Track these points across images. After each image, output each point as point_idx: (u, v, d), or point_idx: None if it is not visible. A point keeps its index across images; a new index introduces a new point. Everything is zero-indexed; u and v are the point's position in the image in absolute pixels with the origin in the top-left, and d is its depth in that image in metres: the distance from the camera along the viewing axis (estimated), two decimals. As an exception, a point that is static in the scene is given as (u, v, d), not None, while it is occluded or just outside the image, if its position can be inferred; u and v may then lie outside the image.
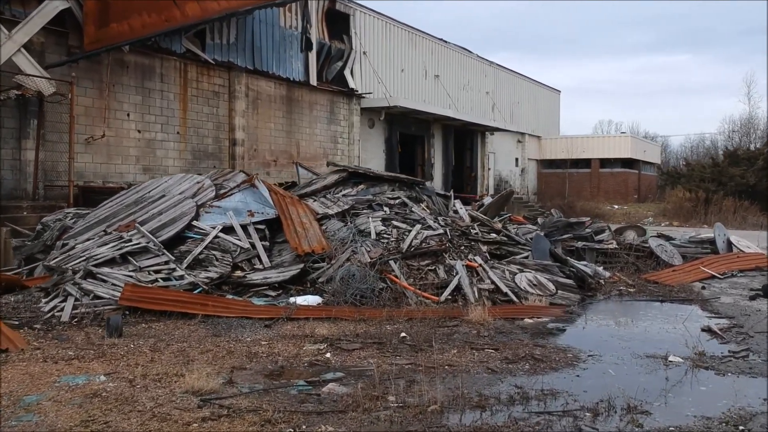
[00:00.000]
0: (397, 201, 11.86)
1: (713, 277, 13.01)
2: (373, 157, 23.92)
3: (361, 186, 12.15)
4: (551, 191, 37.58)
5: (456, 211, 12.28)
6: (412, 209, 11.63)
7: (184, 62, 16.45)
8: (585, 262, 12.83)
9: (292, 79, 19.69)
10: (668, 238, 17.55)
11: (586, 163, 38.50)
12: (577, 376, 6.31)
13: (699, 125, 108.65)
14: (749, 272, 13.88)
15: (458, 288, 9.95)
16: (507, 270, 10.59)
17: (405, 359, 6.76)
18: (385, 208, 11.43)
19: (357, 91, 22.43)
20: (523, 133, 36.58)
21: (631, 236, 19.94)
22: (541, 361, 6.73)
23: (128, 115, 15.18)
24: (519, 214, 31.06)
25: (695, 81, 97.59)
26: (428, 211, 11.95)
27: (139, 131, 15.41)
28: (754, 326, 8.59)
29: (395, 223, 10.94)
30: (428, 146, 26.96)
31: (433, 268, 10.14)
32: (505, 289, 10.06)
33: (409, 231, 10.67)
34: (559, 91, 41.89)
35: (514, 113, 35.42)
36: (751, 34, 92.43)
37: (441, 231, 10.83)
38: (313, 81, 20.44)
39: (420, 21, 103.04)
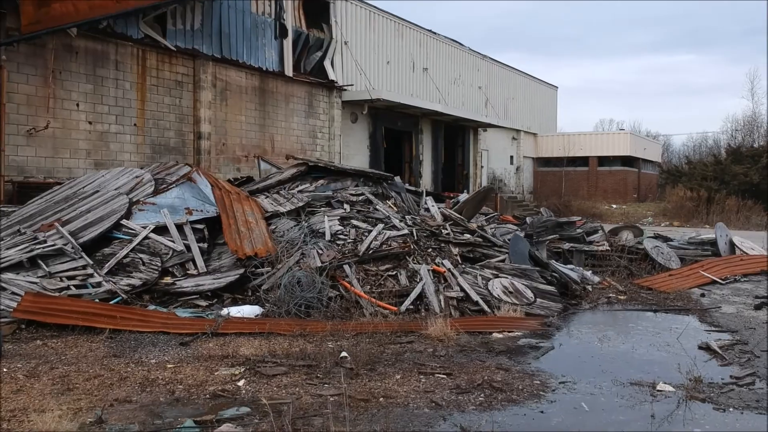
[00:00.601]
0: (360, 198, 10.62)
1: (714, 282, 11.76)
2: (356, 153, 22.68)
3: (321, 181, 10.93)
4: (548, 190, 36.32)
5: (427, 209, 11.05)
6: (377, 207, 10.39)
7: (142, 49, 15.22)
8: (571, 266, 11.60)
9: (265, 69, 18.47)
10: (666, 239, 16.32)
11: (583, 161, 37.23)
12: (541, 412, 5.07)
13: (703, 125, 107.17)
14: (754, 277, 12.63)
15: (422, 296, 8.72)
16: (480, 275, 9.35)
17: (334, 388, 5.52)
18: (346, 206, 10.19)
19: (337, 83, 21.20)
20: (518, 130, 35.32)
21: (626, 237, 18.71)
22: (499, 391, 5.49)
23: (77, 105, 13.96)
24: (513, 213, 29.84)
25: (700, 81, 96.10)
26: (395, 209, 10.71)
27: (90, 123, 14.20)
28: (760, 343, 7.34)
29: (354, 222, 9.71)
30: (416, 142, 25.72)
31: (395, 273, 8.91)
32: (475, 298, 8.83)
33: (370, 231, 9.43)
34: (556, 87, 40.62)
35: (509, 109, 34.16)
36: (756, 34, 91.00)
37: (406, 231, 9.59)
38: (289, 71, 19.21)
39: (421, 20, 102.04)
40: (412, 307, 8.53)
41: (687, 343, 7.32)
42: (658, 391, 5.56)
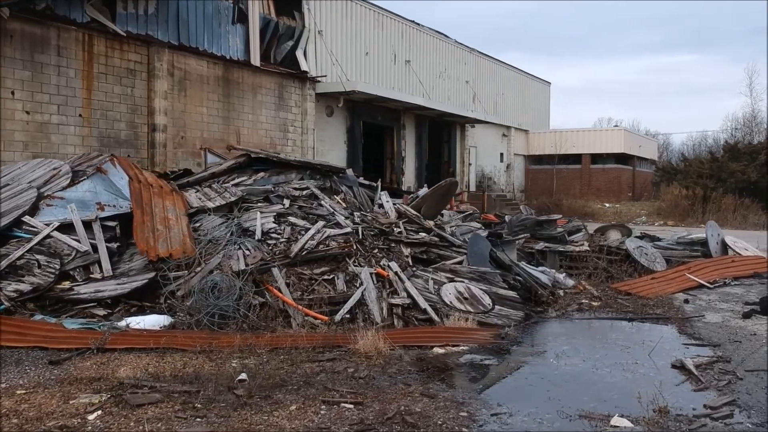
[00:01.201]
0: (305, 192, 9.52)
1: (701, 286, 10.65)
2: (331, 148, 21.58)
3: (262, 174, 9.83)
4: (539, 189, 35.20)
5: (381, 206, 9.94)
6: (321, 203, 9.28)
7: (88, 34, 14.12)
8: (543, 268, 10.50)
9: (229, 57, 17.36)
10: (654, 239, 15.21)
11: (577, 158, 36.10)
12: (455, 459, 3.97)
13: (704, 124, 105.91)
14: (746, 280, 11.52)
15: (362, 303, 7.62)
16: (432, 279, 8.25)
17: (207, 423, 4.43)
18: (286, 201, 9.09)
19: (310, 74, 20.09)
20: (508, 127, 34.20)
21: (614, 236, 17.64)
22: (412, 428, 4.39)
23: (13, 93, 12.86)
24: (499, 212, 28.71)
25: (702, 81, 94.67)
26: (344, 204, 9.60)
27: (27, 112, 13.10)
28: (746, 360, 6.24)
29: (292, 219, 8.60)
30: (398, 138, 24.61)
31: (332, 277, 7.80)
32: (423, 305, 7.73)
33: (308, 230, 8.32)
34: (549, 83, 39.50)
35: (498, 105, 33.05)
36: (758, 34, 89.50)
37: (349, 229, 8.48)
38: (256, 61, 18.11)
39: (423, 19, 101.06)
40: (348, 316, 7.43)
41: (660, 360, 6.22)
42: (612, 427, 4.46)
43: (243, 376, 5.46)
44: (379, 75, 23.69)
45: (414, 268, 8.48)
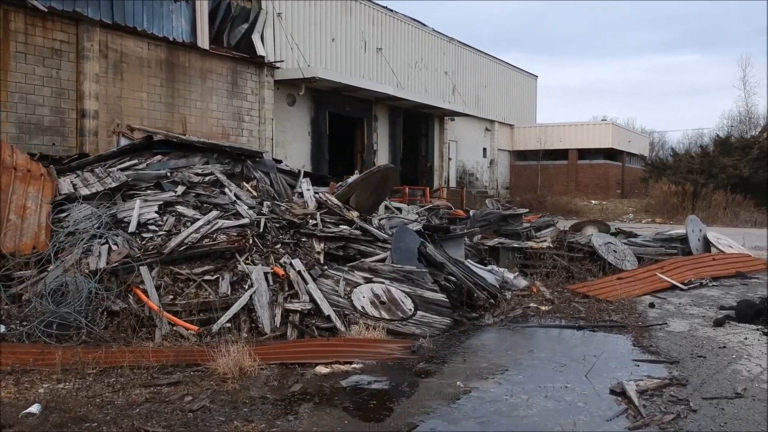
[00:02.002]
0: (207, 178, 8.18)
1: (674, 287, 9.31)
2: (293, 140, 20.23)
3: (159, 157, 8.49)
4: (525, 185, 33.87)
5: (301, 194, 8.59)
6: (224, 190, 7.94)
7: (4, 9, 12.77)
8: (492, 267, 9.16)
9: (173, 39, 16.00)
10: (629, 235, 13.91)
11: (564, 154, 34.76)
12: None
13: (704, 123, 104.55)
14: (726, 280, 10.19)
15: (251, 310, 6.29)
16: (346, 279, 6.91)
17: None
18: (180, 188, 7.74)
19: (268, 59, 18.74)
20: (492, 121, 32.86)
21: (590, 233, 16.35)
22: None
23: None
24: (471, 208, 27.37)
25: (704, 81, 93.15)
26: (254, 192, 8.26)
27: (-72, 94, 11.76)
28: (706, 383, 4.90)
29: (181, 209, 7.25)
30: (369, 130, 23.25)
31: (216, 277, 6.45)
32: (327, 311, 6.40)
33: (197, 220, 6.98)
34: (536, 77, 38.15)
35: (481, 98, 31.71)
36: (761, 35, 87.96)
37: (246, 221, 7.13)
38: (204, 44, 16.75)
39: (425, 19, 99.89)
40: (229, 324, 6.09)
41: (598, 382, 4.89)
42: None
43: (34, 408, 4.13)
44: (347, 63, 22.33)
45: (326, 267, 7.13)
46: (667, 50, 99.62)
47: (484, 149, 32.62)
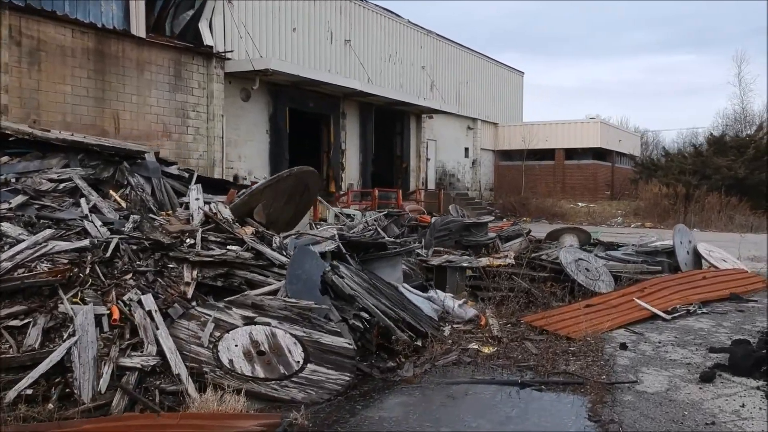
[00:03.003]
0: (64, 185, 6.49)
1: (655, 317, 7.65)
2: (249, 138, 18.53)
3: (6, 158, 6.80)
4: (509, 186, 32.21)
5: (188, 205, 6.90)
6: (82, 200, 6.24)
7: None
8: (431, 294, 7.48)
9: (102, 26, 14.31)
10: (609, 246, 12.28)
11: (551, 154, 33.12)
12: None
13: (701, 123, 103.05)
14: (719, 305, 8.54)
15: (69, 368, 4.60)
16: (218, 321, 5.22)
17: None
18: (18, 198, 6.05)
19: (216, 49, 17.05)
20: (474, 119, 31.22)
21: (568, 242, 14.70)
22: None
23: None
24: (467, 214, 25.72)
25: (700, 81, 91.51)
26: (123, 203, 6.57)
27: None
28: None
29: (4, 227, 5.55)
30: (336, 128, 21.56)
31: (26, 322, 4.76)
32: (176, 368, 4.72)
33: (21, 242, 5.28)
34: (523, 73, 36.50)
35: (462, 95, 30.05)
36: (757, 35, 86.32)
37: (85, 243, 5.44)
38: (139, 31, 15.06)
39: (421, 19, 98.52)
40: (31, 391, 4.40)
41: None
42: None
43: None
44: (309, 55, 20.62)
45: (194, 303, 5.45)
46: (662, 50, 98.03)
47: (466, 149, 30.97)
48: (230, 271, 5.92)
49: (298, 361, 5.04)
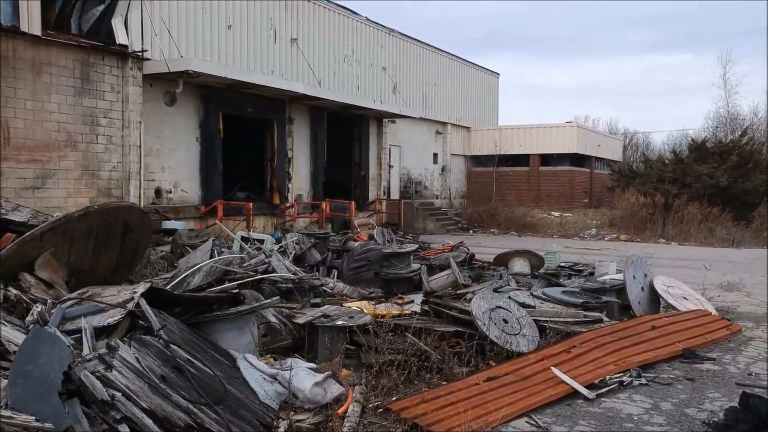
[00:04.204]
0: None
1: (576, 393, 5.92)
2: (175, 147, 16.75)
3: None
4: (482, 194, 30.50)
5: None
6: None
7: None
8: (277, 370, 5.71)
9: (-16, 21, 12.54)
10: (552, 280, 10.55)
11: (527, 159, 31.43)
12: None
13: (688, 123, 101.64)
14: (666, 367, 6.83)
15: None
16: None
17: None
18: None
19: (132, 48, 15.27)
20: (444, 123, 29.51)
21: (519, 267, 13.07)
22: None
23: None
24: (425, 226, 23.99)
25: (696, 81, 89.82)
26: None
27: None
28: None
29: None
30: (281, 134, 19.79)
31: None
32: None
33: None
34: (498, 74, 34.81)
35: (430, 97, 28.33)
36: (753, 35, 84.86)
37: None
38: (33, 28, 13.27)
39: (419, 19, 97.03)
40: None
41: None
42: None
43: None
44: (248, 55, 18.85)
45: None
46: (658, 50, 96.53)
47: (435, 154, 29.25)
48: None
49: None
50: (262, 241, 11.45)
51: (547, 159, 31.02)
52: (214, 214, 17.00)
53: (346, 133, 23.75)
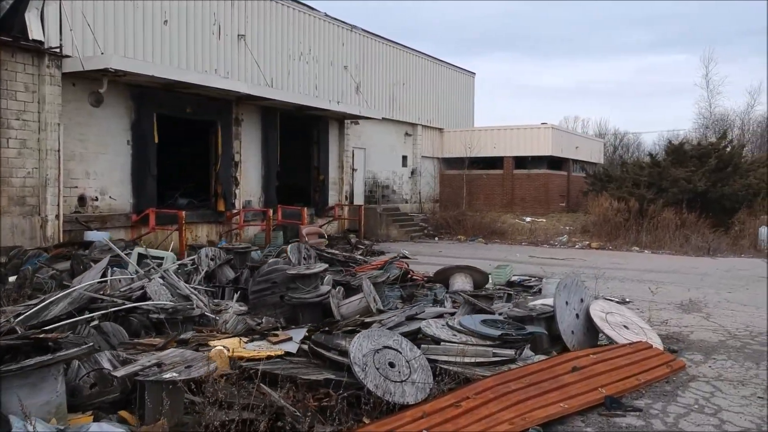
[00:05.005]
0: None
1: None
2: (101, 151, 15.53)
3: None
4: (456, 198, 29.33)
5: None
6: None
7: None
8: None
9: None
10: (478, 306, 9.33)
11: (501, 162, 30.28)
12: None
13: (679, 123, 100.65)
14: (581, 423, 5.66)
15: None
16: None
17: None
18: None
19: (49, 44, 14.06)
20: (414, 124, 28.34)
21: (459, 285, 11.96)
22: None
23: None
24: (388, 233, 22.84)
25: (691, 81, 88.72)
26: None
27: None
28: None
29: None
30: (226, 136, 18.58)
31: None
32: None
33: None
34: (473, 74, 33.64)
35: (398, 97, 27.16)
36: (750, 35, 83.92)
37: None
38: (-75, 20, 12.04)
39: (417, 19, 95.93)
40: None
41: None
42: None
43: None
44: (188, 52, 17.63)
45: None
46: (653, 50, 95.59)
47: (404, 157, 28.08)
48: None
49: None
50: (160, 261, 10.23)
51: (522, 162, 29.88)
52: (146, 222, 15.80)
53: (305, 135, 22.58)
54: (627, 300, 11.76)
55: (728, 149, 25.11)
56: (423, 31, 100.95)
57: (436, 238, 23.75)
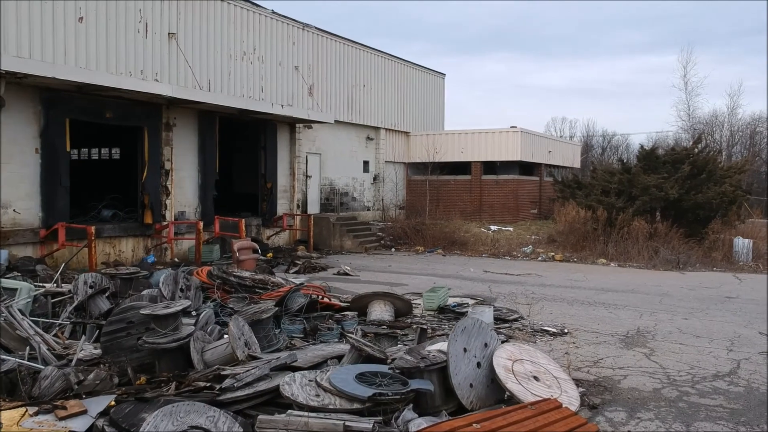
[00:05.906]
0: None
1: None
2: (7, 160, 14.12)
3: None
4: (422, 205, 27.98)
5: None
6: None
7: None
8: None
9: None
10: (366, 352, 7.96)
11: (469, 167, 28.96)
12: None
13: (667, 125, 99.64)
14: None
15: None
16: None
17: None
18: None
19: (-68, 43, 12.66)
20: (376, 128, 26.98)
21: (377, 314, 10.67)
22: None
23: None
24: (342, 244, 21.44)
25: (691, 81, 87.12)
26: None
27: None
28: None
29: None
30: (154, 143, 17.17)
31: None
32: None
33: None
34: (443, 75, 32.30)
35: (357, 100, 25.79)
36: (744, 35, 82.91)
37: None
38: None
39: (416, 19, 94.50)
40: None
41: None
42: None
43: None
44: (109, 52, 16.21)
45: None
46: (650, 50, 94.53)
47: (366, 162, 26.72)
48: None
49: None
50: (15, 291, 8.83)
51: (492, 167, 28.55)
52: (56, 238, 14.40)
53: (252, 141, 21.21)
54: (565, 331, 10.44)
55: (702, 155, 23.82)
56: (426, 31, 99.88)
57: (393, 249, 22.40)
